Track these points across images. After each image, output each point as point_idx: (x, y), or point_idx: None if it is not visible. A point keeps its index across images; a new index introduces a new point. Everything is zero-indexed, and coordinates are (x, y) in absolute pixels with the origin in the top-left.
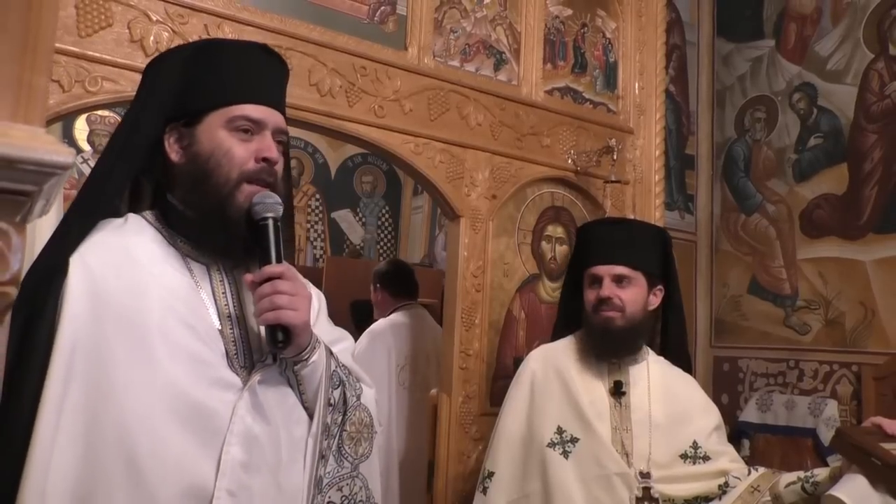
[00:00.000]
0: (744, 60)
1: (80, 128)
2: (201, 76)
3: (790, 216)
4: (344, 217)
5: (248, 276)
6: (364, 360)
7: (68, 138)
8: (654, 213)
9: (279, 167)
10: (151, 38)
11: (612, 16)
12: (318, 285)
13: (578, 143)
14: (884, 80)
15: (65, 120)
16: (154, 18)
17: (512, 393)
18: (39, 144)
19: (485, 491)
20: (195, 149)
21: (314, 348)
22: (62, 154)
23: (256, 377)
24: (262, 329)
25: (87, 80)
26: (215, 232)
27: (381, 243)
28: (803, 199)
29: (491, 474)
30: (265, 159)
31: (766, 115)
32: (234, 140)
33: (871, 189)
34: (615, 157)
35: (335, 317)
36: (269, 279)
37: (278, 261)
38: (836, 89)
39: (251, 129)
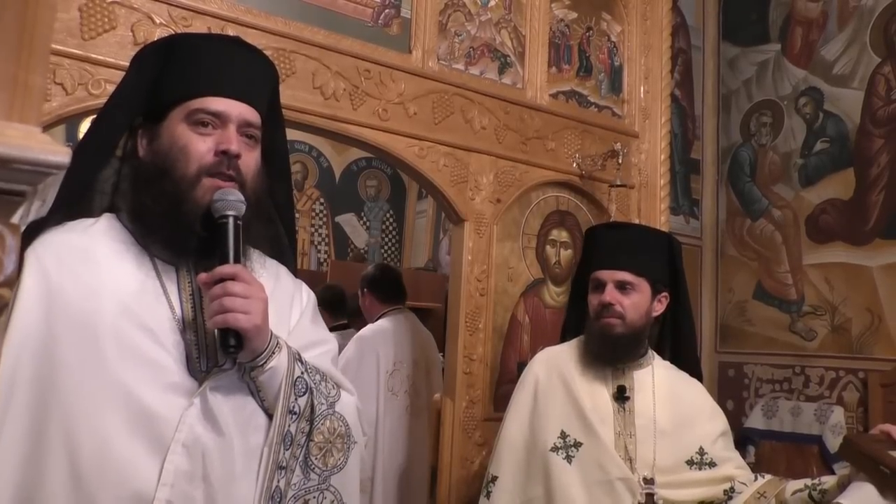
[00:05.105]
0: (749, 64)
1: (85, 131)
2: (165, 71)
3: (796, 221)
4: (348, 221)
5: (202, 276)
6: (353, 366)
7: (73, 141)
8: (660, 217)
9: (246, 162)
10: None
11: (617, 19)
12: None
13: (583, 147)
14: (890, 85)
15: (68, 123)
16: (157, 21)
17: (516, 397)
18: (35, 144)
19: (488, 495)
20: (155, 145)
21: (273, 353)
22: (58, 154)
23: (209, 384)
24: (216, 332)
25: (90, 83)
26: (172, 229)
27: (385, 247)
28: (809, 204)
29: (494, 478)
30: (224, 152)
31: (772, 119)
32: (192, 134)
33: (877, 194)
34: (620, 161)
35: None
36: (221, 280)
37: (236, 261)
38: (843, 94)
39: (212, 122)
